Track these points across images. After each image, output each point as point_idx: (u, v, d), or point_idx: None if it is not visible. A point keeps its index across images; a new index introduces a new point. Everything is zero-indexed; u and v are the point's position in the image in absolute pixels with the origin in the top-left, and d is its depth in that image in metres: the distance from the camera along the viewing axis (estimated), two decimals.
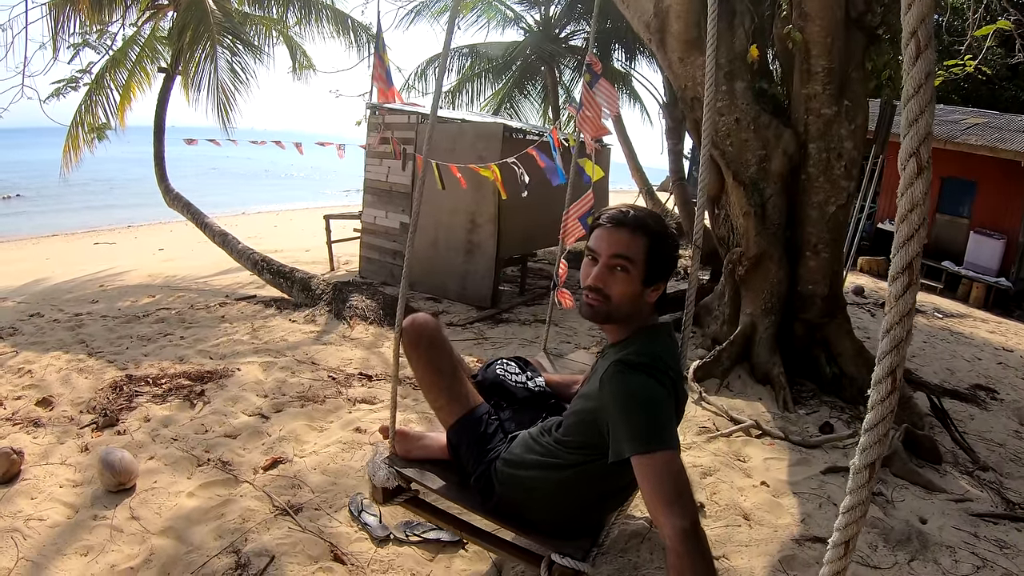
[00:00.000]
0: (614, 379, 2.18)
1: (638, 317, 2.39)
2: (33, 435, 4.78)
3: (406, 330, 2.82)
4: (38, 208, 27.63)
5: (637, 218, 2.33)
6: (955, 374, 7.70)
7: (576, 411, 2.42)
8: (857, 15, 6.14)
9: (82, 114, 11.70)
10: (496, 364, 3.17)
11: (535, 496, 2.51)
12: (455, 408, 2.78)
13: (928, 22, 1.18)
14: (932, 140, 1.20)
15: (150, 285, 10.60)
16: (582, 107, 4.37)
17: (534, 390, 3.06)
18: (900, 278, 1.22)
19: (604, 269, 2.31)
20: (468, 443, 2.73)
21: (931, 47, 1.18)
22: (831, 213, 6.35)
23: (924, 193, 1.18)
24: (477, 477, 2.66)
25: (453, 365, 2.86)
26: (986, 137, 13.94)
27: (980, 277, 13.47)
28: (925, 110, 1.18)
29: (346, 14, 13.77)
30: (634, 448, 2.04)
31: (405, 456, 2.92)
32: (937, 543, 3.95)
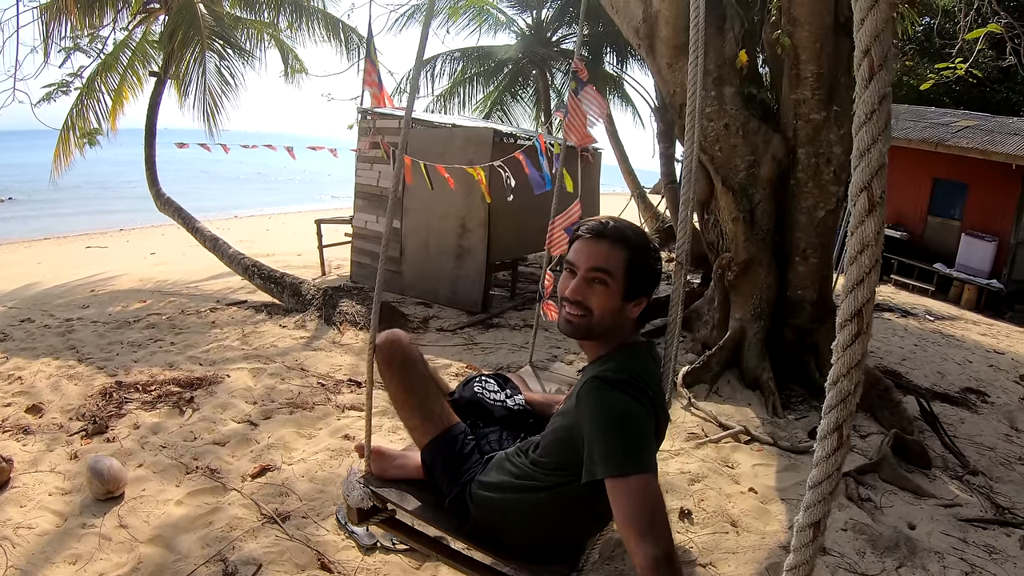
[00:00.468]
0: (591, 395, 2.09)
1: (619, 333, 2.30)
2: (23, 442, 4.77)
3: (379, 348, 2.72)
4: (30, 211, 27.50)
5: (617, 230, 2.24)
6: (946, 377, 7.72)
7: (553, 429, 2.31)
8: (846, 20, 6.15)
9: (73, 118, 11.67)
10: (474, 382, 3.05)
11: (511, 520, 2.42)
12: (429, 428, 2.68)
13: (884, 39, 1.07)
14: (886, 172, 1.08)
15: (141, 290, 10.56)
16: (568, 114, 4.36)
17: (513, 409, 2.96)
18: (848, 326, 1.11)
19: (583, 282, 2.22)
20: (443, 464, 2.63)
21: (887, 67, 1.07)
22: (820, 218, 6.36)
23: (877, 232, 1.08)
24: (452, 499, 2.57)
25: (428, 383, 2.76)
26: (977, 139, 13.97)
27: (972, 279, 13.49)
28: (878, 139, 1.07)
29: (337, 18, 13.78)
30: (608, 469, 1.94)
31: (381, 475, 2.83)
32: (926, 549, 3.97)
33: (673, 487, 4.43)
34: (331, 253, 12.11)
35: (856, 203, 1.09)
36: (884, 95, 1.07)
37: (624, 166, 19.12)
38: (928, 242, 15.22)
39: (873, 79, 1.07)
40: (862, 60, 1.08)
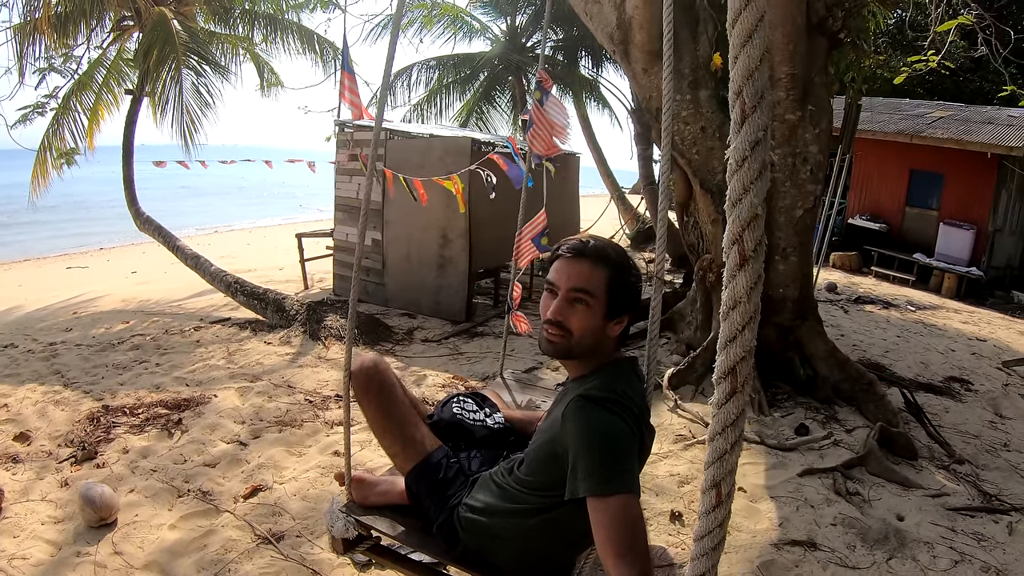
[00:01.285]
0: (576, 414, 2.06)
1: (601, 352, 2.28)
2: (12, 471, 4.75)
3: (355, 375, 2.71)
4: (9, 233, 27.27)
5: (598, 249, 2.22)
6: (929, 367, 7.79)
7: (537, 447, 2.30)
8: (818, 20, 6.21)
9: (50, 138, 11.59)
10: (452, 402, 3.00)
11: (501, 542, 2.40)
12: (411, 454, 2.65)
13: (757, 78, 1.02)
14: (761, 222, 1.03)
15: (124, 310, 10.51)
16: (532, 125, 4.34)
17: (493, 428, 2.92)
18: (723, 383, 1.07)
19: (563, 302, 2.20)
20: (428, 490, 2.60)
21: (761, 108, 1.02)
22: (798, 217, 6.41)
23: (751, 287, 1.02)
24: (440, 525, 2.53)
25: (406, 408, 2.74)
26: (952, 130, 14.12)
27: (951, 268, 13.63)
28: (751, 187, 1.02)
29: (312, 31, 13.78)
30: (590, 488, 1.92)
31: (363, 503, 2.80)
32: (915, 540, 4.01)
33: (663, 490, 4.46)
34: (313, 266, 12.08)
35: (728, 256, 1.04)
36: (758, 140, 1.01)
37: (603, 168, 19.18)
38: (907, 233, 15.36)
39: (746, 122, 1.02)
40: (735, 102, 1.03)
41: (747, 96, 1.00)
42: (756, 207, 1.00)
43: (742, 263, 1.01)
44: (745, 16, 1.00)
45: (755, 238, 1.00)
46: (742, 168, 1.01)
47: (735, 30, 1.01)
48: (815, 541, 3.95)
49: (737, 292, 1.02)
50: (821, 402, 6.15)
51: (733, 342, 1.03)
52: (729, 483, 1.11)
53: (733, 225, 1.02)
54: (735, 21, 1.01)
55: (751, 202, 1.00)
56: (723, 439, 1.09)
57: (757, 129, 1.00)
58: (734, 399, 1.05)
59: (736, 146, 1.01)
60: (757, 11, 1.00)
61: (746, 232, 1.00)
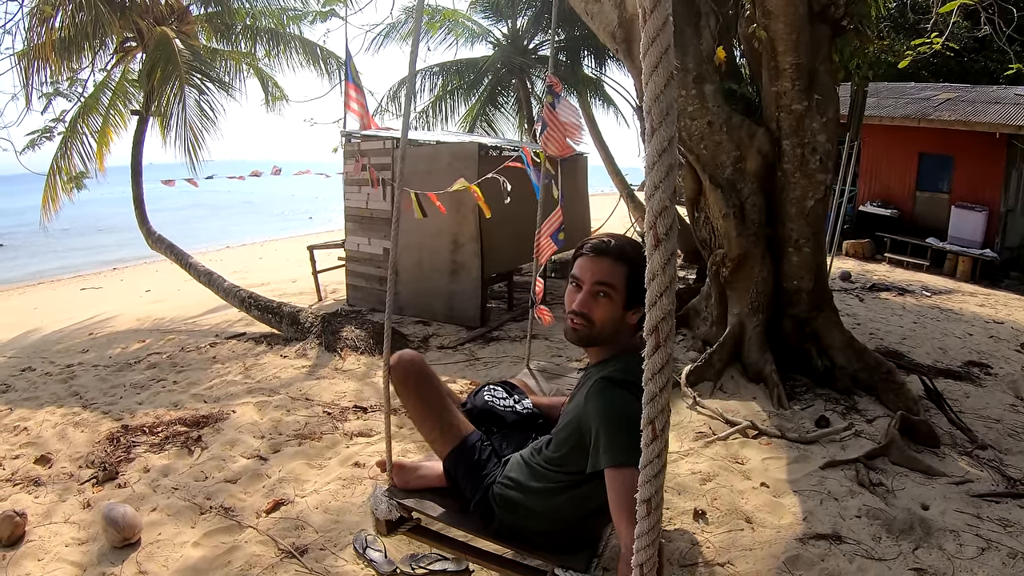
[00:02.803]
0: (599, 395, 2.33)
1: (620, 339, 2.50)
2: (34, 494, 4.77)
3: (394, 369, 2.93)
4: (22, 256, 27.47)
5: (618, 247, 2.43)
6: (947, 352, 7.73)
7: (563, 427, 2.54)
8: (820, 8, 6.19)
9: (58, 162, 11.64)
10: (484, 391, 3.26)
11: (533, 516, 2.62)
12: (448, 439, 2.88)
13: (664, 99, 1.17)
14: (672, 213, 1.20)
15: (139, 329, 10.55)
16: (546, 127, 4.37)
17: (523, 412, 3.18)
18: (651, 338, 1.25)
19: (588, 295, 2.42)
20: (464, 471, 2.83)
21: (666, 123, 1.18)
22: (810, 207, 6.38)
23: (664, 262, 1.20)
24: (476, 503, 2.77)
25: (442, 397, 2.97)
26: (960, 111, 14.04)
27: (965, 251, 13.54)
28: (661, 184, 1.19)
29: (315, 43, 13.78)
30: (608, 460, 2.19)
31: (404, 487, 3.02)
32: (940, 528, 3.98)
33: (685, 488, 4.44)
34: (326, 278, 12.10)
35: (647, 236, 1.22)
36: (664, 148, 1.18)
37: (610, 167, 19.11)
38: (919, 217, 15.28)
39: (655, 133, 1.18)
40: (647, 116, 1.19)
41: (655, 113, 1.18)
42: (665, 200, 1.19)
43: (657, 244, 1.20)
44: (653, 50, 1.16)
45: (667, 224, 1.19)
46: (653, 170, 1.19)
47: (646, 60, 1.17)
48: (840, 534, 3.92)
49: (655, 267, 1.21)
50: (840, 393, 6.10)
51: (655, 306, 1.22)
52: (663, 420, 1.28)
53: (649, 215, 1.21)
54: (646, 52, 1.17)
55: (661, 196, 1.19)
56: (654, 383, 1.26)
57: (664, 139, 1.18)
58: (659, 351, 1.24)
59: (649, 152, 1.19)
60: (663, 45, 1.16)
61: (659, 219, 1.19)
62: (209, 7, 13.04)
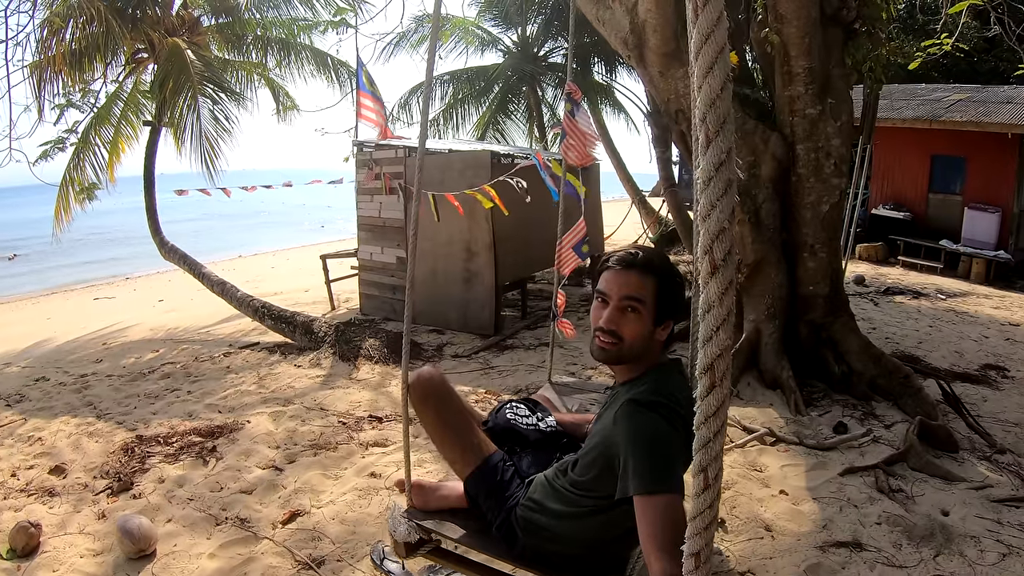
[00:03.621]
0: (627, 418, 2.20)
1: (648, 356, 2.39)
2: (49, 505, 4.77)
3: (413, 387, 2.84)
4: (36, 267, 27.59)
5: (646, 259, 2.35)
6: (964, 356, 7.69)
7: (590, 448, 2.42)
8: (832, 12, 6.17)
9: (71, 172, 11.69)
10: (505, 408, 3.15)
11: (558, 540, 2.53)
12: (470, 459, 2.80)
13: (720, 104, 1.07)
14: (730, 236, 1.10)
15: (153, 339, 10.58)
16: (565, 136, 4.36)
17: (546, 431, 3.06)
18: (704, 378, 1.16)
19: (616, 311, 2.32)
20: (487, 493, 2.75)
21: (724, 133, 1.07)
22: (825, 212, 6.35)
23: (722, 292, 1.10)
24: (499, 525, 2.68)
25: (463, 416, 2.89)
26: (971, 112, 13.97)
27: (979, 252, 13.43)
28: (718, 203, 1.09)
29: (325, 53, 13.85)
30: (637, 487, 2.06)
31: (423, 508, 2.93)
32: (961, 534, 3.94)
33: None
34: (339, 287, 12.12)
35: (700, 264, 1.12)
36: (722, 161, 1.07)
37: (622, 173, 19.13)
38: (932, 220, 15.21)
39: (710, 146, 1.08)
40: (700, 127, 1.09)
41: (710, 122, 1.07)
42: (723, 221, 1.09)
43: (713, 271, 1.09)
44: (706, 49, 1.07)
45: (724, 248, 1.09)
46: (709, 187, 1.08)
47: (698, 62, 1.08)
48: (860, 541, 3.89)
49: (711, 297, 1.11)
50: (858, 399, 6.06)
51: (710, 341, 1.12)
52: (716, 468, 1.19)
53: (704, 238, 1.09)
54: (698, 53, 1.08)
55: (718, 217, 1.08)
56: (707, 428, 1.17)
57: (721, 152, 1.07)
58: (714, 392, 1.14)
59: (703, 167, 1.08)
60: (718, 44, 1.06)
61: (715, 243, 1.09)
62: (220, 18, 13.11)
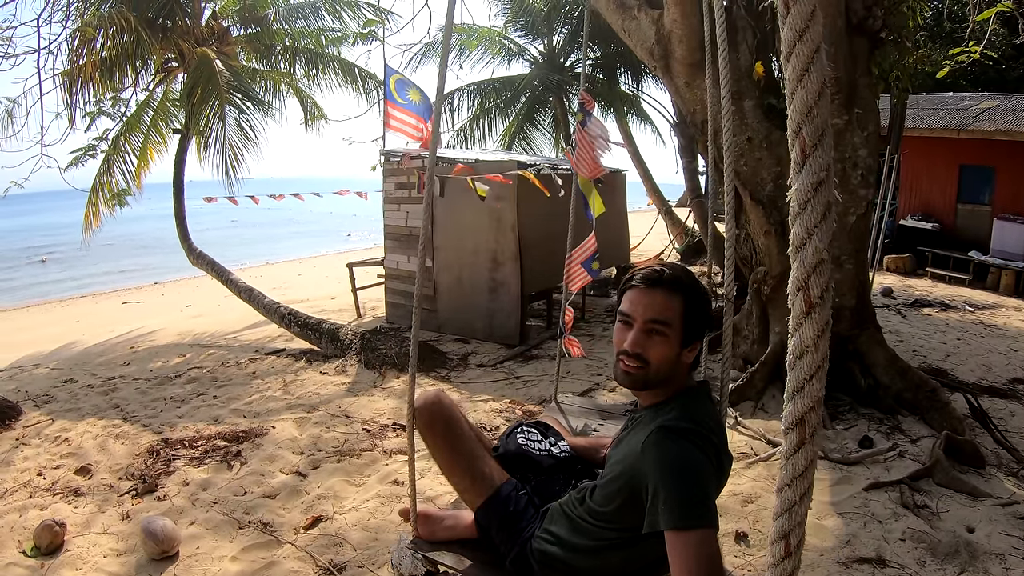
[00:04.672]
0: (657, 446, 2.04)
1: (675, 379, 2.25)
2: (74, 504, 4.83)
3: (420, 412, 2.71)
4: (65, 271, 27.96)
5: (672, 277, 2.20)
6: (992, 370, 7.61)
7: (612, 478, 2.25)
8: (858, 21, 6.13)
9: (101, 178, 11.82)
10: (516, 433, 2.97)
11: (576, 574, 2.38)
12: (480, 489, 2.66)
13: (817, 115, 0.94)
14: (828, 267, 0.97)
15: (180, 344, 10.67)
16: (576, 148, 4.31)
17: (559, 456, 2.89)
18: (791, 434, 1.03)
19: (641, 334, 2.18)
20: (499, 524, 2.61)
21: (822, 146, 0.94)
22: (852, 223, 6.31)
23: (818, 335, 0.97)
24: (513, 559, 2.53)
25: (472, 443, 2.74)
26: (1000, 121, 13.82)
27: (1008, 264, 13.24)
28: (815, 231, 0.97)
29: (352, 63, 13.98)
30: (669, 522, 1.90)
31: (429, 539, 2.82)
32: (986, 552, 3.90)
33: (727, 510, 4.39)
34: (365, 295, 12.18)
35: (793, 304, 0.98)
36: (820, 181, 0.95)
37: (648, 184, 19.10)
38: (960, 230, 15.06)
39: (807, 162, 0.95)
40: (794, 140, 0.95)
41: (807, 133, 0.93)
42: (821, 251, 0.95)
43: (808, 311, 0.96)
44: (800, 48, 0.92)
45: (822, 284, 0.95)
46: (805, 211, 0.95)
47: (790, 63, 0.93)
48: (884, 557, 3.85)
49: (804, 340, 0.97)
50: (884, 412, 6.00)
51: (801, 392, 0.98)
52: (799, 534, 1.06)
53: (798, 272, 0.96)
54: (790, 54, 0.93)
55: (816, 247, 0.95)
56: (791, 490, 1.04)
57: (819, 169, 0.94)
58: (803, 450, 1.01)
59: (798, 187, 0.95)
60: (813, 42, 0.92)
61: (811, 278, 0.95)
62: (249, 28, 13.24)
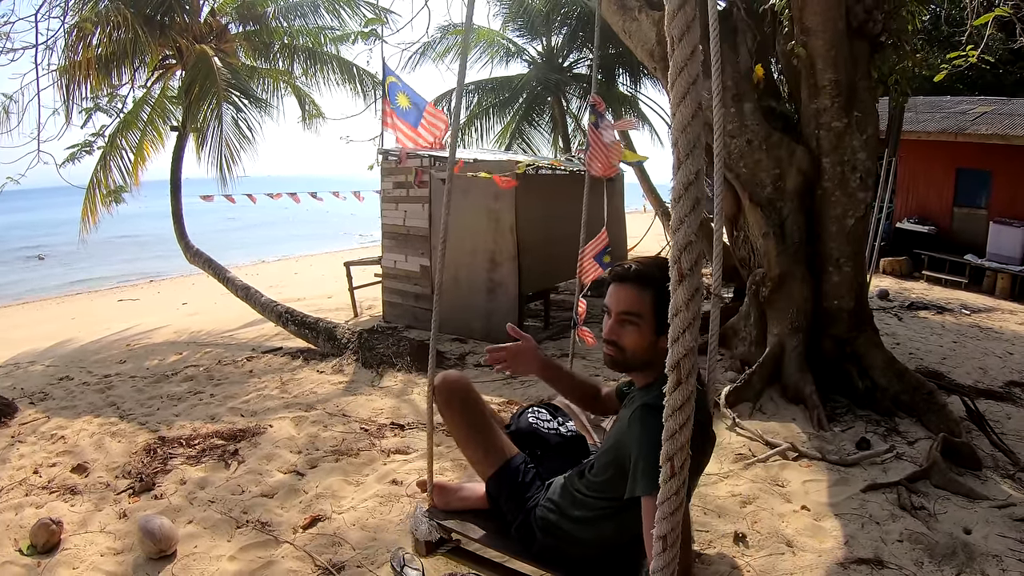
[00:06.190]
0: (640, 421, 2.29)
1: (659, 363, 2.36)
2: (70, 503, 4.81)
3: (438, 389, 2.92)
4: (61, 268, 27.90)
5: (640, 273, 2.43)
6: (988, 373, 7.62)
7: (605, 451, 2.52)
8: (858, 24, 6.14)
9: (98, 175, 11.80)
10: (528, 412, 3.24)
11: (574, 543, 2.61)
12: (492, 460, 2.87)
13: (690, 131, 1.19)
14: (698, 247, 1.21)
15: (176, 342, 10.65)
16: (590, 147, 4.38)
17: (566, 435, 3.14)
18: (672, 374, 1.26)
19: (615, 324, 2.46)
20: (508, 494, 2.83)
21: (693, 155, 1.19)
22: (850, 226, 6.32)
23: (689, 298, 1.21)
24: (518, 526, 2.76)
25: (487, 419, 2.96)
26: (997, 125, 13.85)
27: (1004, 267, 13.25)
28: (686, 219, 1.20)
29: (351, 62, 13.97)
30: (644, 488, 2.15)
31: (444, 508, 3.02)
32: (983, 553, 3.91)
33: (725, 511, 4.39)
34: (362, 294, 12.17)
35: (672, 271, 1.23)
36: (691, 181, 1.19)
37: (646, 185, 19.08)
38: (956, 234, 15.09)
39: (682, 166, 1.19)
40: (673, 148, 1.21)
41: (682, 147, 1.20)
42: (690, 235, 1.20)
43: (681, 279, 1.21)
44: (680, 81, 1.18)
45: (691, 259, 1.21)
46: (679, 203, 1.20)
47: (673, 90, 1.19)
48: (882, 559, 3.86)
49: (678, 302, 1.22)
50: (881, 414, 6.01)
51: (677, 342, 1.23)
52: (681, 457, 1.30)
53: (673, 250, 1.22)
54: (672, 84, 1.18)
55: (686, 231, 1.20)
56: (673, 420, 1.27)
57: (690, 173, 1.19)
58: (680, 388, 1.25)
59: (674, 186, 1.21)
60: (690, 76, 1.17)
61: (683, 255, 1.20)
62: (248, 26, 13.22)
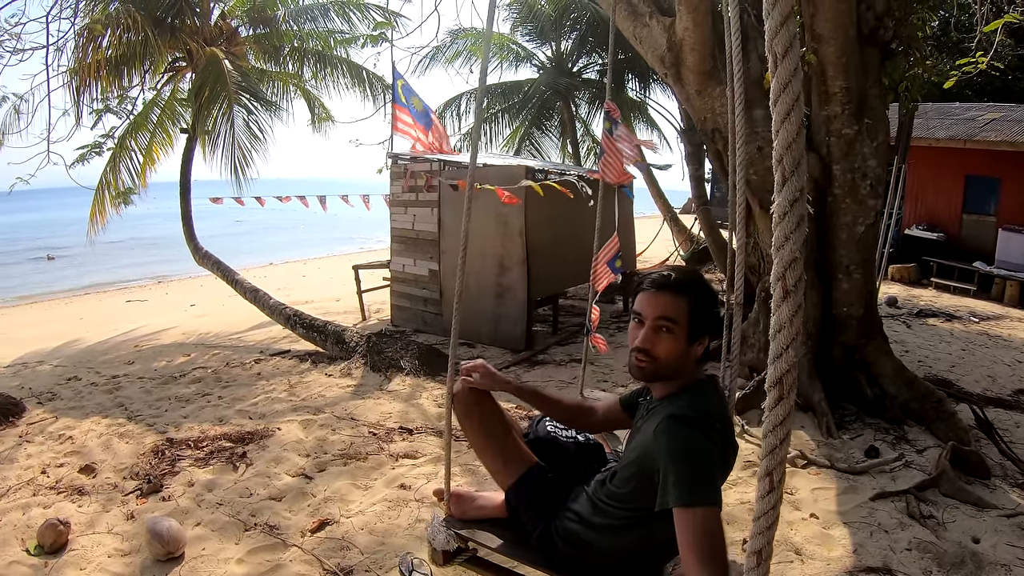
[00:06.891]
0: (667, 432, 2.23)
1: (685, 373, 2.44)
2: (78, 503, 4.82)
3: (458, 398, 2.96)
4: (70, 268, 27.96)
5: (679, 281, 2.40)
6: (997, 381, 7.61)
7: (628, 462, 2.46)
8: (869, 31, 6.13)
9: (107, 176, 11.82)
10: (546, 421, 3.20)
11: (595, 552, 2.59)
12: (512, 470, 2.85)
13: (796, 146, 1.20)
14: (800, 265, 1.23)
15: (184, 343, 10.67)
16: (603, 154, 4.39)
17: (585, 444, 3.12)
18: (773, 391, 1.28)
19: (650, 331, 2.38)
20: (528, 503, 2.80)
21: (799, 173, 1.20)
22: (860, 233, 6.31)
23: (792, 314, 1.24)
24: (539, 535, 2.73)
25: (506, 427, 2.94)
26: (1006, 132, 13.81)
27: (1013, 274, 13.21)
28: (791, 235, 1.22)
29: (360, 66, 13.97)
30: (677, 499, 2.09)
31: (461, 517, 3.00)
32: (992, 562, 3.90)
33: (734, 518, 4.38)
34: (370, 297, 12.17)
35: (774, 289, 1.25)
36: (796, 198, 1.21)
37: (654, 190, 19.09)
38: (965, 241, 15.04)
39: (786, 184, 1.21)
40: (777, 167, 1.22)
41: (787, 163, 1.21)
42: (795, 252, 1.23)
43: (785, 295, 1.24)
44: (783, 98, 1.20)
45: (795, 276, 1.23)
46: (784, 220, 1.22)
47: (776, 108, 1.21)
48: (890, 567, 3.85)
49: (782, 318, 1.25)
50: (890, 422, 6.00)
51: (780, 358, 1.26)
52: (780, 472, 1.30)
53: (777, 266, 1.24)
54: (776, 101, 1.21)
55: (791, 248, 1.23)
56: (773, 436, 1.28)
57: (795, 190, 1.21)
58: (782, 403, 1.27)
59: (778, 202, 1.22)
60: (794, 93, 1.20)
61: (788, 271, 1.23)
62: (258, 29, 13.24)
